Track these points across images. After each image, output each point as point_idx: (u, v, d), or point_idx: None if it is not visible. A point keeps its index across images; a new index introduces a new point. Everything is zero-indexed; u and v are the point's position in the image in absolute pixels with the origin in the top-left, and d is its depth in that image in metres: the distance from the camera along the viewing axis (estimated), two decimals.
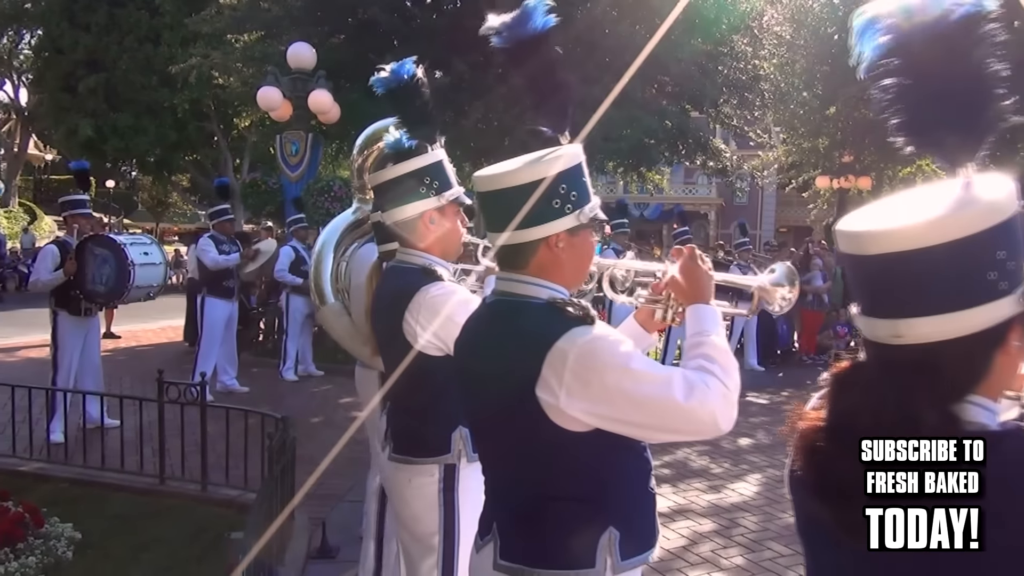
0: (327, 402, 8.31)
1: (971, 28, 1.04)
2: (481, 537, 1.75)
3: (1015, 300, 1.04)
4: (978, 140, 1.08)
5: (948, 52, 1.05)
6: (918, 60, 1.07)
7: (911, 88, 1.08)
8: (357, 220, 3.50)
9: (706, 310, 1.74)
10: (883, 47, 1.08)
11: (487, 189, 1.66)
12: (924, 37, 1.05)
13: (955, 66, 1.05)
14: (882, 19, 1.09)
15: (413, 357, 2.32)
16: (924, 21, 1.05)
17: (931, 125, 1.09)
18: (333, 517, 4.78)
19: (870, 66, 1.10)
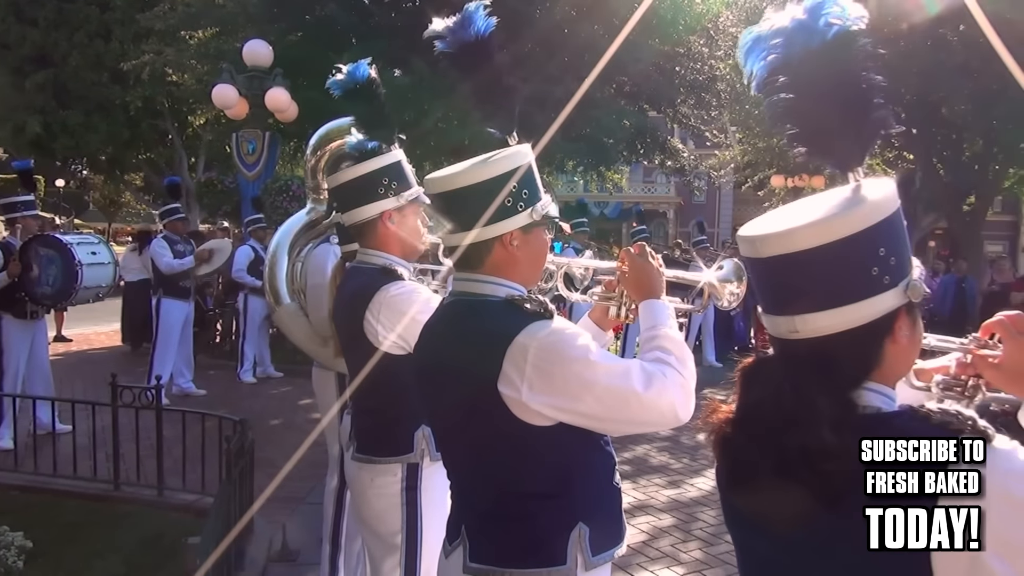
0: (286, 404, 8.22)
1: (846, 44, 1.13)
2: (450, 542, 1.75)
3: (898, 293, 1.12)
4: (864, 146, 1.18)
5: (828, 67, 1.13)
6: (802, 76, 1.15)
7: (799, 102, 1.16)
8: (311, 220, 3.48)
9: (658, 305, 1.78)
10: (769, 65, 1.17)
11: (439, 191, 1.68)
12: (805, 54, 1.14)
13: (835, 79, 1.14)
14: (766, 39, 1.17)
15: (372, 356, 2.32)
16: (804, 40, 1.13)
17: (820, 134, 1.18)
18: (294, 520, 4.74)
19: (760, 83, 1.18)
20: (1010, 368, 1.32)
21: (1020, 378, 1.30)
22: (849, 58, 1.14)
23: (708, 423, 1.24)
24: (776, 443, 1.10)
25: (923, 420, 1.07)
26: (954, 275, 11.82)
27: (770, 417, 1.13)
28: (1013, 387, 1.33)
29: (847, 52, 1.13)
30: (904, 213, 3.80)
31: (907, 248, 1.16)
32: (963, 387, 1.44)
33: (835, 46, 1.13)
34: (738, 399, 1.22)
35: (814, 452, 1.06)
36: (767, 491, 1.13)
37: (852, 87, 1.15)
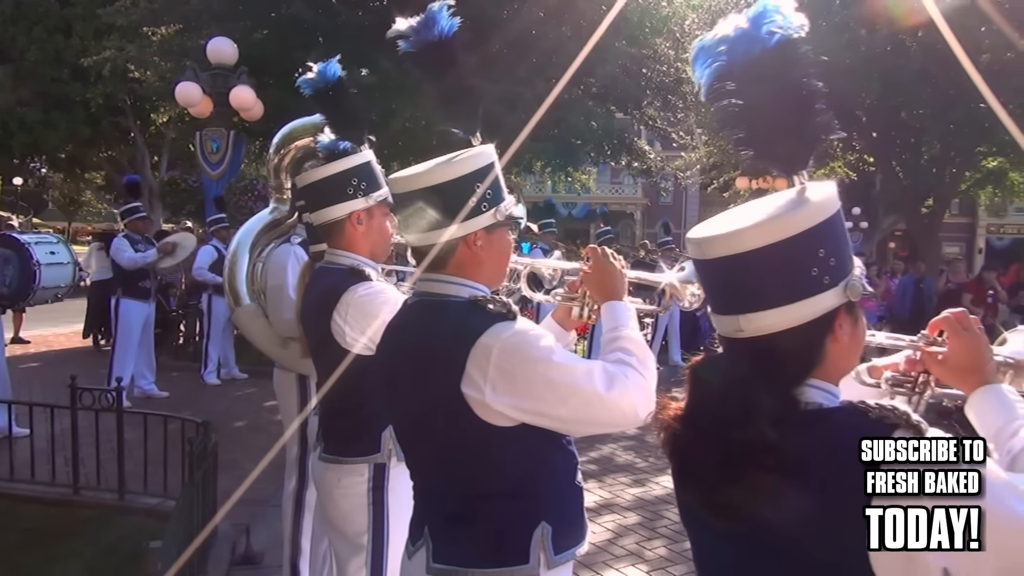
0: (251, 406, 8.13)
1: (787, 52, 1.17)
2: (413, 543, 1.74)
3: (838, 292, 1.16)
4: (808, 149, 1.22)
5: (770, 74, 1.18)
6: (746, 82, 1.19)
7: (744, 107, 1.20)
8: (274, 220, 3.44)
9: (619, 306, 1.80)
10: (715, 72, 1.21)
11: (402, 191, 1.68)
12: (748, 62, 1.18)
13: (778, 85, 1.18)
14: (711, 48, 1.21)
15: (339, 356, 2.32)
16: (746, 47, 1.18)
17: (765, 139, 1.22)
18: (258, 523, 4.69)
19: (707, 90, 1.22)
20: (955, 364, 1.37)
21: (964, 373, 1.35)
22: (790, 65, 1.18)
23: (658, 421, 1.27)
24: (720, 439, 1.13)
25: (862, 415, 1.11)
26: (912, 276, 12.07)
27: (715, 414, 1.16)
28: (958, 382, 1.38)
29: (788, 59, 1.17)
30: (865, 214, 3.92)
31: (847, 248, 1.20)
32: (913, 383, 1.49)
33: (777, 54, 1.17)
34: (687, 397, 1.25)
35: (755, 448, 1.09)
36: (713, 487, 1.16)
37: (794, 93, 1.19)
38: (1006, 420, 1.27)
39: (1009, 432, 1.24)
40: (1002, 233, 28.90)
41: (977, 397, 1.33)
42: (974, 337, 1.36)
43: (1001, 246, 27.95)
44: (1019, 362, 1.55)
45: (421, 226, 1.66)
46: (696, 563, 1.35)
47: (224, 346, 9.28)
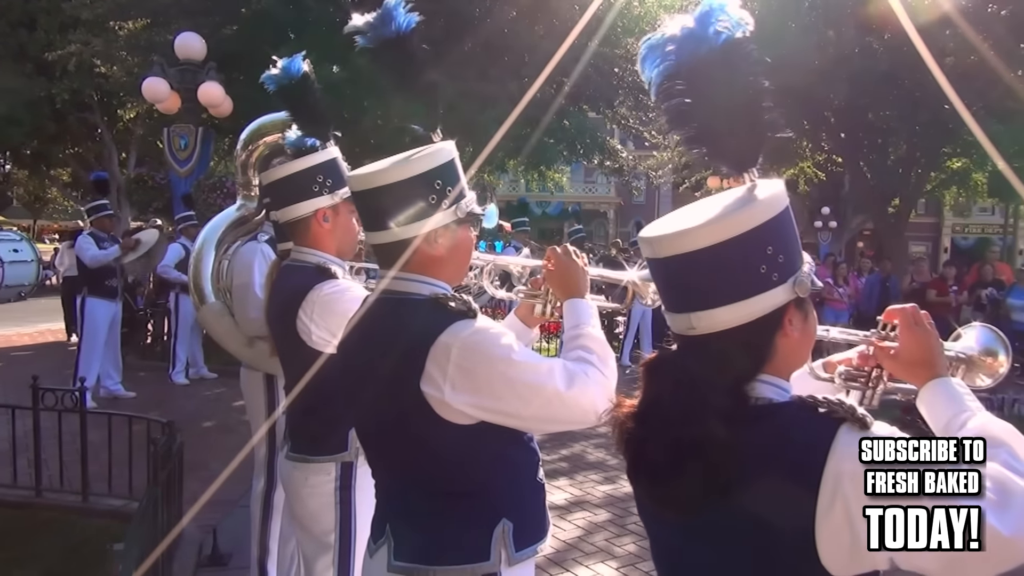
0: (220, 406, 8.04)
1: (734, 51, 1.19)
2: (374, 540, 1.74)
3: (787, 289, 1.18)
4: (756, 147, 1.24)
5: (718, 73, 1.19)
6: (694, 81, 1.20)
7: (693, 106, 1.21)
8: (241, 217, 3.41)
9: (581, 304, 1.81)
10: (663, 72, 1.22)
11: (362, 188, 1.67)
12: (695, 61, 1.19)
13: (725, 85, 1.19)
14: (659, 47, 1.22)
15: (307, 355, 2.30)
16: (693, 47, 1.19)
17: (715, 137, 1.24)
18: (226, 524, 4.63)
19: (657, 89, 1.23)
20: (906, 358, 1.39)
21: (915, 367, 1.38)
22: (737, 64, 1.19)
23: (612, 418, 1.28)
24: (672, 436, 1.14)
25: (810, 409, 1.13)
26: (879, 274, 12.28)
27: (667, 411, 1.17)
28: (909, 376, 1.40)
29: (735, 58, 1.19)
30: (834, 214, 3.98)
31: (796, 245, 1.22)
32: (866, 378, 1.51)
33: (723, 53, 1.18)
34: (641, 394, 1.26)
35: (706, 444, 1.10)
36: (665, 482, 1.18)
37: (741, 92, 1.20)
38: (955, 412, 1.29)
39: (957, 424, 1.27)
40: (967, 233, 29.45)
41: (927, 391, 1.35)
42: (925, 332, 1.39)
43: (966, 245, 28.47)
44: (971, 357, 1.59)
45: (381, 223, 1.65)
46: (654, 557, 1.36)
47: (193, 345, 9.16)
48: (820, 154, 18.17)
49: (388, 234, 1.65)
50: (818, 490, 1.07)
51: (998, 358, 1.59)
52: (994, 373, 1.59)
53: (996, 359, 1.59)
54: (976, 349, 1.60)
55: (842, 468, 1.07)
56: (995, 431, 1.23)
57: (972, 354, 1.59)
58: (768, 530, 1.11)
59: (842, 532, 1.07)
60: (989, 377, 1.60)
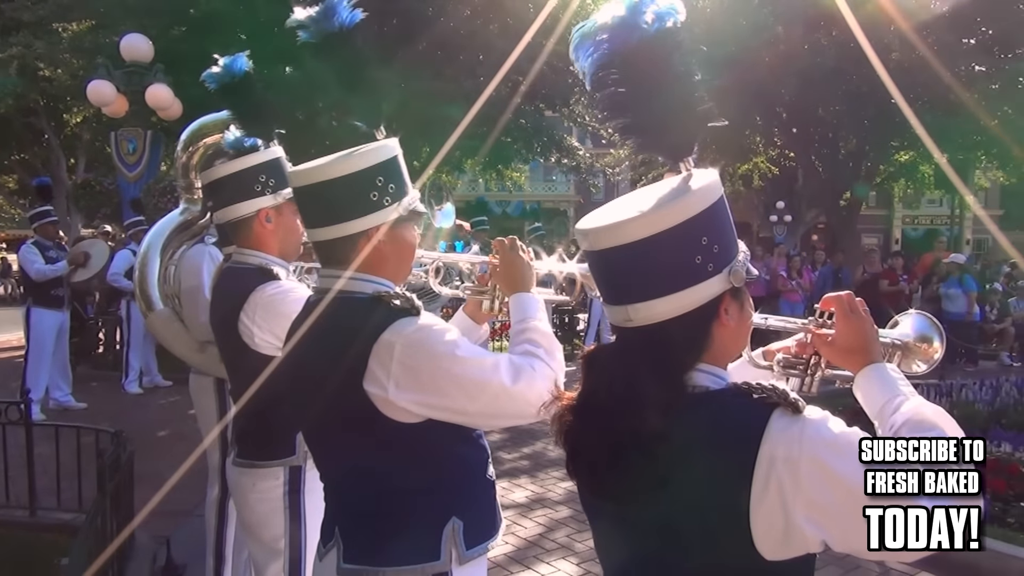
0: (175, 414, 7.87)
1: (666, 40, 1.19)
2: (324, 544, 1.71)
3: (722, 279, 1.18)
4: (691, 137, 1.24)
5: (651, 62, 1.19)
6: (627, 71, 1.20)
7: (627, 96, 1.21)
8: (185, 221, 3.33)
9: (528, 298, 1.80)
10: (596, 61, 1.22)
11: (301, 184, 1.65)
12: (627, 51, 1.19)
13: (658, 74, 1.20)
14: (591, 36, 1.22)
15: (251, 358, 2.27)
16: (625, 36, 1.19)
17: (649, 127, 1.24)
18: (180, 534, 4.54)
19: (591, 79, 1.23)
20: (842, 345, 1.41)
21: (851, 354, 1.40)
22: (669, 54, 1.20)
23: (552, 411, 1.27)
24: (610, 427, 1.14)
25: (745, 395, 1.14)
26: (831, 266, 12.53)
27: (605, 402, 1.17)
28: (846, 362, 1.42)
29: (667, 48, 1.19)
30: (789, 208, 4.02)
31: (731, 235, 1.22)
32: (805, 365, 1.53)
33: (655, 42, 1.18)
34: (580, 386, 1.26)
35: (643, 434, 1.11)
36: (604, 473, 1.18)
37: (674, 81, 1.21)
38: (889, 397, 1.31)
39: (891, 408, 1.29)
40: (916, 224, 30.19)
41: (862, 376, 1.38)
42: (860, 319, 1.41)
43: (915, 236, 29.18)
44: (906, 343, 1.62)
45: (321, 220, 1.62)
46: (596, 549, 1.36)
47: (146, 353, 8.97)
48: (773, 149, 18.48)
49: (329, 231, 1.62)
50: (752, 474, 1.08)
51: (933, 344, 1.62)
52: (929, 359, 1.62)
53: (931, 345, 1.62)
54: (912, 336, 1.63)
55: (775, 452, 1.08)
56: (927, 414, 1.25)
57: (908, 341, 1.62)
58: (706, 516, 1.12)
59: (776, 516, 1.08)
60: (925, 363, 1.63)
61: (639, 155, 1.53)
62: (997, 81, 13.95)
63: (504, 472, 6.07)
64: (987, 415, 6.48)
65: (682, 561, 1.16)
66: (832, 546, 1.11)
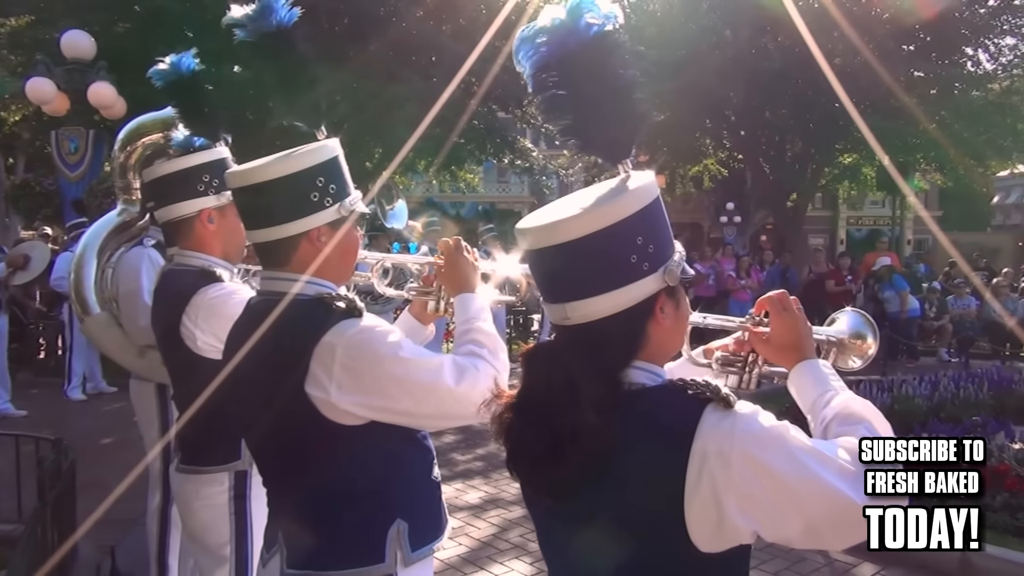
0: (120, 421, 7.66)
1: (604, 43, 1.21)
2: (267, 549, 1.69)
3: (657, 277, 1.21)
4: (629, 139, 1.26)
5: (589, 65, 1.21)
6: (567, 73, 1.22)
7: (567, 97, 1.23)
8: (123, 222, 3.25)
9: (472, 299, 1.81)
10: (535, 63, 1.23)
11: (240, 185, 1.63)
12: (566, 53, 1.21)
13: (597, 76, 1.22)
14: (531, 38, 1.24)
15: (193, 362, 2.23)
16: (563, 38, 1.21)
17: (588, 128, 1.26)
18: (125, 543, 4.43)
19: (531, 80, 1.25)
20: (777, 342, 1.46)
21: (786, 351, 1.44)
22: (607, 56, 1.21)
23: (491, 410, 1.29)
24: (548, 424, 1.16)
25: (679, 391, 1.17)
26: (779, 266, 12.82)
27: (543, 399, 1.19)
28: (781, 359, 1.47)
29: (605, 51, 1.21)
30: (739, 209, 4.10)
31: (666, 235, 1.25)
32: (743, 362, 1.57)
33: (594, 45, 1.20)
34: (520, 384, 1.28)
35: (581, 430, 1.12)
36: (543, 470, 1.19)
37: (612, 84, 1.23)
38: (820, 392, 1.36)
39: (822, 403, 1.33)
40: (860, 225, 31.00)
41: (796, 372, 1.42)
42: (793, 317, 1.45)
43: (860, 236, 29.97)
44: (841, 340, 1.67)
45: (261, 221, 1.61)
46: (540, 545, 1.37)
47: (89, 359, 8.72)
48: (723, 151, 18.83)
49: (268, 232, 1.61)
50: (686, 468, 1.10)
51: (867, 340, 1.67)
52: (863, 355, 1.67)
53: (865, 342, 1.67)
54: (846, 333, 1.68)
55: (708, 446, 1.10)
56: (856, 407, 1.30)
57: (842, 337, 1.67)
58: (642, 510, 1.14)
59: (709, 509, 1.10)
60: (859, 359, 1.68)
61: (579, 156, 1.54)
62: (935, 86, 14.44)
63: (458, 473, 6.06)
64: (926, 409, 6.70)
65: (621, 555, 1.18)
66: (764, 537, 1.14)
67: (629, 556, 1.17)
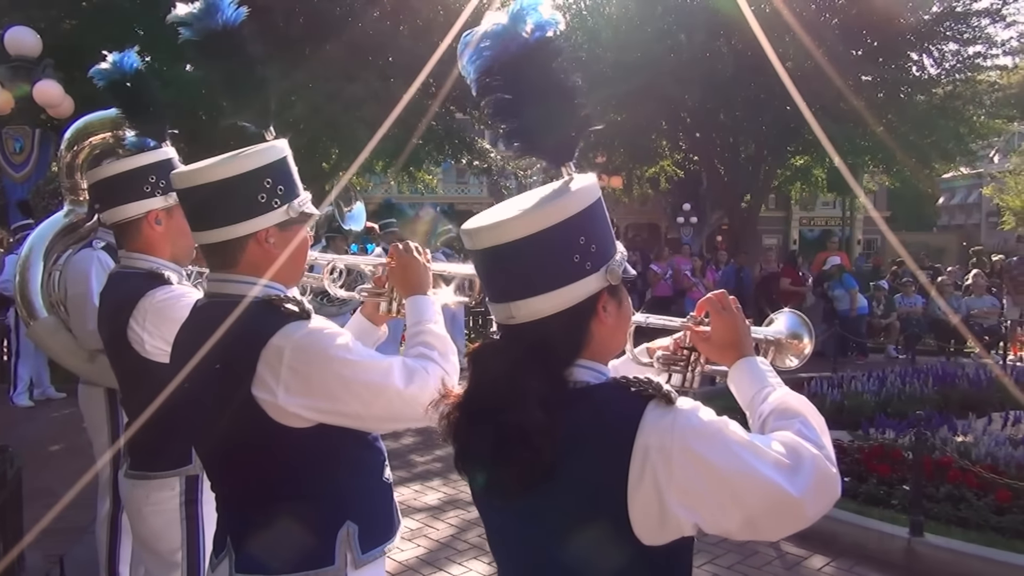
0: (69, 427, 7.49)
1: (544, 49, 1.24)
2: (216, 554, 1.68)
3: (600, 277, 1.24)
4: (571, 142, 1.29)
5: (531, 70, 1.24)
6: (509, 77, 1.25)
7: (511, 101, 1.26)
8: (70, 223, 3.18)
9: (422, 300, 1.82)
10: (478, 68, 1.26)
11: (186, 186, 1.61)
12: (508, 58, 1.24)
13: (539, 81, 1.25)
14: (475, 43, 1.26)
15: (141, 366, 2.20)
16: (505, 44, 1.24)
17: (531, 132, 1.28)
18: (74, 552, 4.35)
19: (475, 84, 1.27)
20: (716, 341, 1.50)
21: (725, 349, 1.49)
22: (548, 62, 1.24)
23: (438, 410, 1.30)
24: (495, 422, 1.18)
25: (623, 389, 1.20)
26: (734, 266, 13.06)
27: (489, 399, 1.21)
28: (721, 357, 1.51)
29: (546, 56, 1.24)
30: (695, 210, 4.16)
31: (608, 235, 1.28)
32: (685, 361, 1.61)
33: (535, 51, 1.23)
34: (467, 383, 1.30)
35: (527, 429, 1.15)
36: (491, 469, 1.21)
37: (554, 89, 1.26)
38: (758, 389, 1.40)
39: (760, 399, 1.38)
40: (812, 225, 31.66)
41: (735, 369, 1.46)
42: (732, 316, 1.50)
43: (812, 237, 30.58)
44: (779, 340, 1.73)
45: (207, 223, 1.60)
46: (490, 544, 1.39)
47: (37, 364, 8.50)
48: (678, 153, 19.06)
49: (215, 234, 1.60)
50: (629, 464, 1.13)
51: (803, 340, 1.73)
52: (800, 354, 1.74)
53: (801, 341, 1.73)
54: (784, 333, 1.74)
55: (649, 442, 1.14)
56: (792, 403, 1.34)
57: (780, 337, 1.73)
58: (588, 506, 1.17)
59: (651, 502, 1.13)
60: (796, 358, 1.74)
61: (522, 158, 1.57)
62: (882, 90, 14.81)
63: (417, 475, 6.05)
64: (874, 404, 6.89)
65: (567, 550, 1.20)
66: (704, 529, 1.18)
67: (576, 551, 1.19)
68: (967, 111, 15.35)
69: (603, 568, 1.19)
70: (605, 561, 1.18)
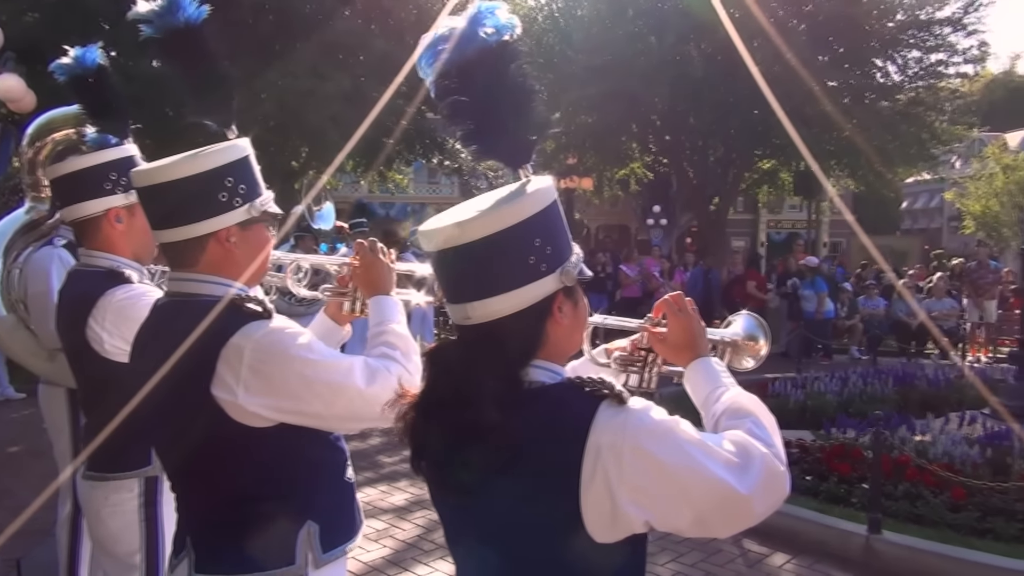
0: (29, 428, 7.34)
1: (503, 52, 1.25)
2: (175, 555, 1.67)
3: (555, 278, 1.26)
4: (528, 145, 1.31)
5: (486, 73, 1.25)
6: (467, 80, 1.25)
7: (468, 104, 1.27)
8: (31, 221, 3.12)
9: (386, 300, 1.82)
10: (436, 70, 1.27)
11: (146, 184, 1.60)
12: (465, 61, 1.24)
13: (497, 84, 1.26)
14: (433, 46, 1.27)
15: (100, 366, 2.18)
16: (463, 47, 1.24)
17: (489, 134, 1.30)
18: (34, 555, 4.24)
19: (434, 87, 1.28)
20: (672, 341, 1.53)
21: (681, 350, 1.51)
22: (505, 65, 1.26)
23: (395, 410, 1.31)
24: (451, 422, 1.20)
25: (577, 388, 1.22)
26: (701, 268, 13.20)
27: (445, 398, 1.22)
28: (676, 357, 1.54)
29: (503, 60, 1.25)
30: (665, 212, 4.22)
31: (564, 237, 1.29)
32: (643, 362, 1.64)
33: (493, 53, 1.24)
34: (424, 383, 1.31)
35: (483, 428, 1.16)
36: (447, 468, 1.23)
37: (512, 92, 1.27)
38: (712, 388, 1.43)
39: (713, 399, 1.41)
40: (779, 228, 32.08)
41: (690, 370, 1.49)
42: (687, 317, 1.53)
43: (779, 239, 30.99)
44: (735, 341, 1.76)
45: (168, 221, 1.59)
46: (447, 542, 1.40)
47: None
48: (648, 155, 19.22)
49: (176, 232, 1.59)
50: (581, 463, 1.15)
51: (759, 342, 1.77)
52: (756, 355, 1.77)
53: (757, 343, 1.77)
54: (740, 334, 1.77)
55: (601, 441, 1.16)
56: (743, 402, 1.38)
57: (736, 339, 1.76)
58: (542, 504, 1.19)
59: (603, 501, 1.15)
60: (752, 359, 1.78)
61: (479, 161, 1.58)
62: (847, 95, 15.09)
63: (384, 476, 6.04)
64: (836, 404, 7.02)
65: (522, 549, 1.22)
66: (655, 527, 1.20)
67: (531, 549, 1.21)
68: (929, 117, 15.71)
69: (557, 565, 1.21)
70: (559, 558, 1.20)
